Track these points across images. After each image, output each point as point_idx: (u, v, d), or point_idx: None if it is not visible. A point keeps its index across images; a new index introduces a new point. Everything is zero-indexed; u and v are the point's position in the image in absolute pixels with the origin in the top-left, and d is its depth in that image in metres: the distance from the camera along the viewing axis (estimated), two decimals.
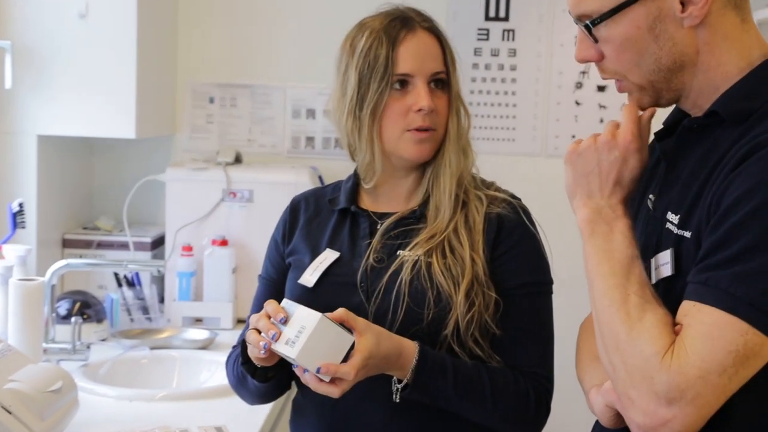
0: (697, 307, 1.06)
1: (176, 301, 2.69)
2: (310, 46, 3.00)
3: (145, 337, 2.52)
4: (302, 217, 1.63)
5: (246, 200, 2.73)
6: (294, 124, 3.05)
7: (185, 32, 3.03)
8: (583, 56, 1.23)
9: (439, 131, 1.53)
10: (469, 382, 1.44)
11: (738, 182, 1.07)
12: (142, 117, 2.65)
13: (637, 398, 1.07)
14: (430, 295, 1.46)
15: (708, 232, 1.09)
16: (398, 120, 1.51)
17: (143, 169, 2.95)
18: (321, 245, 1.58)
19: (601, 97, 3.03)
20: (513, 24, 3.02)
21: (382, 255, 1.53)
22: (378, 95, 1.50)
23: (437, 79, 1.53)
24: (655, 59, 1.17)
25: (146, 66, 2.68)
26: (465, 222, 1.52)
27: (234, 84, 3.04)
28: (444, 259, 1.49)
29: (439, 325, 1.46)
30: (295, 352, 1.31)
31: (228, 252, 2.68)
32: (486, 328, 1.47)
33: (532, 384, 1.48)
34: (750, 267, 1.03)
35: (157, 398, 2.06)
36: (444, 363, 1.43)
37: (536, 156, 3.07)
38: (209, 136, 3.06)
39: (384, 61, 1.50)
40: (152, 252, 2.83)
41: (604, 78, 1.25)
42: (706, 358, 1.03)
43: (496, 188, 1.59)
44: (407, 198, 1.58)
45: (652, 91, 1.20)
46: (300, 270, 1.57)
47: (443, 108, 1.53)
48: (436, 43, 1.54)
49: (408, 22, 1.53)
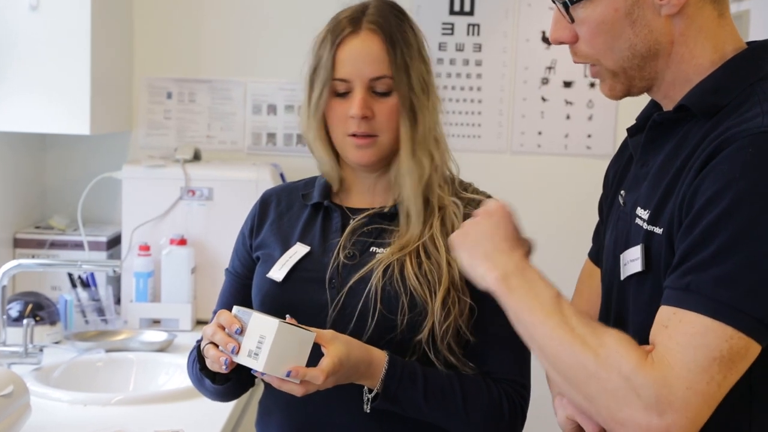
0: (679, 314, 1.06)
1: (133, 302, 2.67)
2: (271, 39, 2.99)
3: (100, 339, 2.50)
4: (273, 211, 1.63)
5: (205, 198, 2.72)
6: (255, 120, 3.04)
7: (141, 25, 3.00)
8: (557, 37, 1.23)
9: (383, 137, 1.51)
10: (441, 391, 1.44)
11: (709, 181, 1.07)
12: (97, 112, 2.63)
13: (627, 418, 1.05)
14: (403, 299, 1.46)
15: (682, 234, 1.09)
16: (339, 124, 1.51)
17: (98, 166, 2.92)
18: (292, 240, 1.58)
19: (567, 92, 3.05)
20: (478, 18, 3.03)
21: (354, 251, 1.52)
22: (320, 98, 1.51)
23: (381, 85, 1.49)
24: (630, 45, 1.18)
25: (101, 60, 2.65)
26: (442, 226, 1.51)
27: (192, 79, 3.02)
28: (419, 264, 1.48)
29: (414, 331, 1.46)
30: (261, 365, 1.30)
31: (187, 252, 2.67)
32: (460, 334, 1.47)
33: (506, 391, 1.48)
34: (729, 268, 1.04)
35: (113, 402, 2.04)
36: (414, 372, 1.43)
37: (502, 153, 3.08)
38: (167, 132, 3.04)
39: (325, 64, 1.49)
40: (108, 252, 2.80)
41: (576, 62, 1.26)
42: (692, 367, 1.03)
43: (473, 190, 1.59)
44: (380, 193, 1.58)
45: (624, 77, 1.21)
46: (269, 264, 1.56)
47: (385, 114, 1.50)
48: (380, 46, 1.49)
49: (355, 22, 1.50)
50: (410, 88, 1.50)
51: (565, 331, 1.12)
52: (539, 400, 1.69)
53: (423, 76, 1.52)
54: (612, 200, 1.34)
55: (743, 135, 1.07)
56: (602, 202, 1.42)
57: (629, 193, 1.27)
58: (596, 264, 1.42)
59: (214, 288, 1.67)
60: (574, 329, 1.11)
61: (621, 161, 1.36)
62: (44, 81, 2.56)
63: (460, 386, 1.45)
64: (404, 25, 1.53)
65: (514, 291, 1.19)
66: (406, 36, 1.51)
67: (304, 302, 1.48)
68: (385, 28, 1.50)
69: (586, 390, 1.09)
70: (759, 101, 1.12)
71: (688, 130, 1.18)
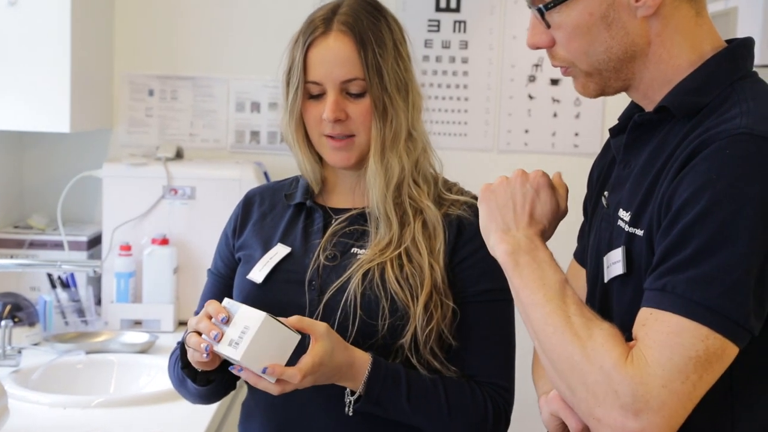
0: (655, 314, 1.07)
1: (114, 302, 2.66)
2: (255, 35, 2.98)
3: (80, 340, 2.49)
4: (256, 211, 1.62)
5: (187, 197, 2.71)
6: (238, 118, 3.03)
7: (123, 20, 2.99)
8: (534, 42, 1.24)
9: (360, 137, 1.50)
10: (424, 394, 1.44)
11: (687, 182, 1.08)
12: (77, 110, 2.61)
13: (603, 416, 1.06)
14: (384, 304, 1.45)
15: (660, 235, 1.10)
16: (315, 126, 1.51)
17: (78, 164, 2.91)
18: (273, 240, 1.57)
19: (554, 90, 3.06)
20: (464, 15, 3.03)
21: (335, 252, 1.52)
22: (294, 100, 1.50)
23: (354, 87, 1.48)
24: (606, 48, 1.18)
25: (81, 56, 2.64)
26: (424, 228, 1.50)
27: (175, 76, 3.01)
28: (401, 267, 1.47)
29: (395, 336, 1.45)
30: (239, 354, 1.30)
31: (169, 251, 2.66)
32: (443, 338, 1.47)
33: (490, 395, 1.47)
34: (705, 269, 1.04)
35: (93, 405, 2.03)
36: (398, 374, 1.43)
37: (488, 151, 3.08)
38: (148, 130, 3.02)
39: (297, 66, 1.49)
40: (88, 252, 2.79)
41: (554, 65, 1.26)
42: (667, 366, 1.03)
43: (458, 190, 1.57)
44: (363, 193, 1.56)
45: (599, 78, 1.22)
46: (250, 265, 1.56)
47: (360, 115, 1.49)
48: (351, 47, 1.47)
49: (327, 22, 1.49)
50: (383, 89, 1.48)
51: (560, 317, 1.12)
52: (525, 401, 1.69)
53: (400, 75, 1.51)
54: (596, 201, 1.34)
55: (722, 136, 1.08)
56: (586, 202, 1.43)
57: (612, 194, 1.27)
58: (581, 264, 1.42)
59: (197, 288, 1.66)
60: (570, 317, 1.12)
61: (604, 161, 1.37)
62: (23, 78, 2.54)
63: (444, 389, 1.45)
64: (379, 24, 1.51)
65: (521, 268, 1.20)
66: (379, 35, 1.49)
67: (284, 304, 1.47)
68: (355, 28, 1.48)
69: (569, 380, 1.10)
70: (738, 101, 1.12)
71: (668, 131, 1.18)
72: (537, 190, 1.28)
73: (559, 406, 1.16)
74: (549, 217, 1.28)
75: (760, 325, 1.06)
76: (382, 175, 1.50)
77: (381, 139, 1.49)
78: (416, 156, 1.53)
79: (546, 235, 1.28)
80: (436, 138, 3.12)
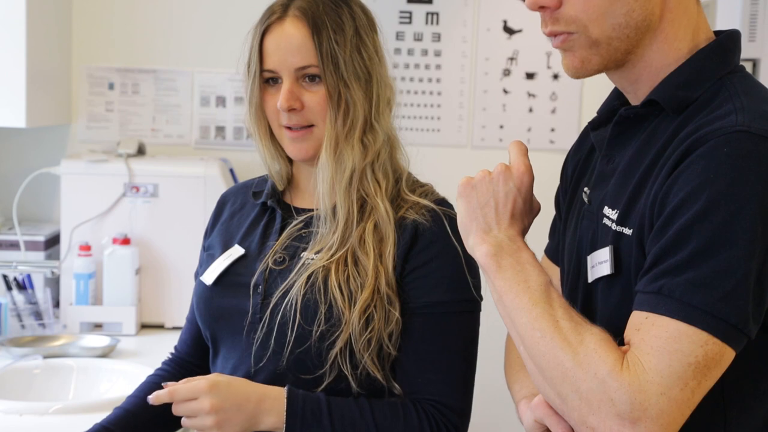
0: (651, 319, 1.05)
1: (73, 305, 2.64)
2: (219, 26, 2.96)
3: (37, 344, 2.46)
4: (227, 211, 1.62)
5: (150, 195, 2.69)
6: (202, 113, 3.01)
7: (81, 10, 2.96)
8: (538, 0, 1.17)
9: (320, 127, 1.48)
10: (351, 424, 1.40)
11: (682, 181, 1.06)
12: (33, 104, 2.59)
13: (598, 424, 1.04)
14: (322, 309, 1.42)
15: (654, 236, 1.09)
16: (275, 117, 1.50)
17: (35, 161, 2.89)
18: (233, 241, 1.56)
19: (529, 84, 3.07)
20: (437, 7, 3.03)
21: (284, 256, 1.50)
22: (252, 91, 1.49)
23: (310, 74, 1.46)
24: (627, 11, 1.13)
25: (37, 48, 2.61)
26: (375, 229, 1.47)
27: (136, 68, 2.98)
28: (345, 270, 1.44)
29: (327, 343, 1.42)
30: None
31: (130, 251, 2.64)
32: (384, 348, 1.43)
33: (431, 415, 1.43)
34: (704, 272, 1.03)
35: (51, 411, 2.01)
36: (318, 406, 1.40)
37: (462, 147, 3.09)
38: (109, 125, 3.00)
39: (253, 55, 1.48)
40: (46, 252, 2.76)
41: (550, 32, 1.18)
42: (666, 373, 1.02)
43: (424, 191, 1.53)
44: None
45: (606, 49, 1.16)
46: (207, 265, 1.55)
47: (317, 104, 1.47)
48: (305, 34, 1.45)
49: (283, 8, 1.48)
50: (339, 77, 1.46)
51: (548, 322, 1.10)
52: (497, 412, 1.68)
53: (360, 63, 1.48)
54: (572, 195, 1.33)
55: (718, 133, 1.06)
56: (559, 196, 1.41)
57: (594, 190, 1.25)
58: (554, 262, 1.41)
59: (160, 290, 1.65)
60: (558, 322, 1.10)
61: (581, 154, 1.35)
62: None
63: (372, 416, 1.41)
64: (339, 10, 1.49)
65: (504, 270, 1.17)
66: (338, 21, 1.47)
67: (230, 308, 1.46)
68: (309, 13, 1.46)
69: (560, 388, 1.08)
70: (730, 96, 1.12)
71: (656, 126, 1.17)
72: (519, 189, 1.25)
73: (544, 413, 1.14)
74: (528, 216, 1.26)
75: (757, 329, 1.05)
76: (331, 167, 1.47)
77: (335, 129, 1.47)
78: (376, 149, 1.49)
79: (525, 233, 1.26)
80: (407, 134, 3.09)
